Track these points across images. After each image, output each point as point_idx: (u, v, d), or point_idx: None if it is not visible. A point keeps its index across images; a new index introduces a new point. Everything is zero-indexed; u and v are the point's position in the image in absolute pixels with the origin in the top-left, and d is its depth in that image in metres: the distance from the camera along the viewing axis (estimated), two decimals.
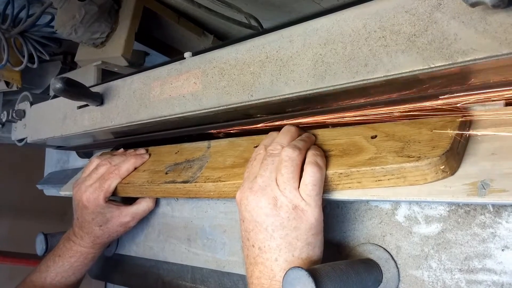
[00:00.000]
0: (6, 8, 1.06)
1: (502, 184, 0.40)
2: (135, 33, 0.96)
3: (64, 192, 0.95)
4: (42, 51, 1.11)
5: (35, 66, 1.10)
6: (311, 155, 0.50)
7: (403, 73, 0.43)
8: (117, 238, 0.89)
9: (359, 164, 0.48)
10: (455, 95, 0.46)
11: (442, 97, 0.47)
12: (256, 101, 0.55)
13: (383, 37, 0.44)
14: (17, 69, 1.10)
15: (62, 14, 0.91)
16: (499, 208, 0.44)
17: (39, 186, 1.25)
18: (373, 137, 0.51)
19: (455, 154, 0.44)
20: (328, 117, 0.57)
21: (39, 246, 0.86)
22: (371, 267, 0.50)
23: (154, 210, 0.82)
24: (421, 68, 0.42)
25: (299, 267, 0.41)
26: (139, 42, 1.06)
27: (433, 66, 0.41)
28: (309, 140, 0.54)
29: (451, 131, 0.45)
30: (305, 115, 0.57)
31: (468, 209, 0.47)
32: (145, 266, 0.86)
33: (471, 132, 0.48)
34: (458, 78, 0.43)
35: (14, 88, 1.24)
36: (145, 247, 0.85)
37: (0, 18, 1.06)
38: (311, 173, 0.48)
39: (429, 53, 0.41)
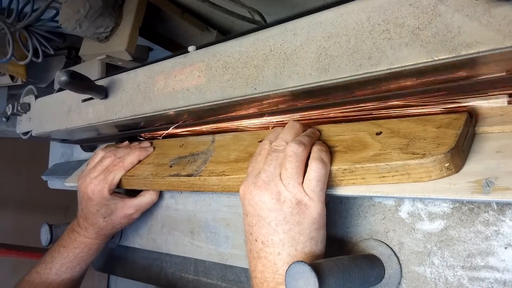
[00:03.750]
0: (11, 3, 1.06)
1: (506, 182, 0.40)
2: (139, 28, 0.96)
3: (69, 183, 0.95)
4: (46, 45, 1.11)
5: (39, 60, 1.10)
6: (316, 151, 0.50)
7: (407, 66, 0.43)
8: (121, 230, 0.89)
9: (363, 160, 0.48)
10: (457, 90, 0.46)
11: (445, 93, 0.47)
12: (259, 94, 0.55)
13: (387, 30, 0.44)
14: (22, 63, 1.10)
15: (66, 8, 0.91)
16: (503, 206, 0.44)
17: (44, 177, 1.26)
18: (378, 134, 0.51)
19: (460, 152, 0.44)
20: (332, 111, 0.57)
21: (44, 237, 0.87)
22: (373, 262, 0.50)
23: (158, 202, 0.82)
24: (425, 61, 0.41)
25: (302, 261, 0.41)
26: (143, 37, 1.06)
27: (437, 59, 0.41)
28: (314, 136, 0.54)
29: (457, 129, 0.45)
30: (310, 109, 0.57)
31: (471, 206, 0.47)
32: (148, 258, 0.86)
33: (476, 129, 0.48)
34: (462, 73, 0.43)
35: (19, 82, 1.25)
36: (149, 239, 0.85)
37: (5, 13, 1.06)
38: (315, 169, 0.48)
39: (432, 46, 0.41)
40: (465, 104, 0.48)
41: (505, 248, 0.44)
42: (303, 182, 0.49)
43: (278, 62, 0.53)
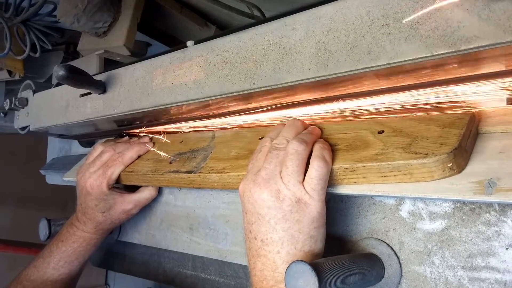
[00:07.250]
0: None
1: (509, 183, 0.40)
2: (137, 23, 0.96)
3: (67, 178, 0.95)
4: (44, 40, 1.10)
5: (37, 55, 1.09)
6: (318, 149, 0.50)
7: (406, 61, 0.42)
8: (120, 225, 0.89)
9: (365, 160, 0.47)
10: (457, 85, 0.46)
11: (444, 87, 0.47)
12: (258, 89, 0.55)
13: (386, 24, 0.44)
14: (19, 58, 1.10)
15: (64, 3, 0.91)
16: (504, 207, 0.44)
17: (42, 171, 1.26)
18: (380, 132, 0.50)
19: (463, 152, 0.44)
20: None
21: (42, 232, 0.87)
22: (373, 262, 0.50)
23: (157, 198, 0.82)
24: (424, 55, 0.41)
25: (302, 261, 0.41)
26: (142, 32, 1.05)
27: (436, 53, 0.41)
28: (315, 134, 0.54)
29: (460, 128, 0.45)
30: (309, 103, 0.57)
31: (473, 206, 0.46)
32: (146, 254, 0.86)
33: (479, 129, 0.48)
34: (461, 67, 0.43)
35: (17, 77, 1.24)
36: (147, 235, 0.85)
37: (3, 7, 1.06)
38: (317, 167, 0.48)
39: (432, 40, 0.41)
40: (469, 104, 0.48)
41: (506, 249, 0.44)
42: (303, 180, 0.48)
43: (277, 57, 0.53)
